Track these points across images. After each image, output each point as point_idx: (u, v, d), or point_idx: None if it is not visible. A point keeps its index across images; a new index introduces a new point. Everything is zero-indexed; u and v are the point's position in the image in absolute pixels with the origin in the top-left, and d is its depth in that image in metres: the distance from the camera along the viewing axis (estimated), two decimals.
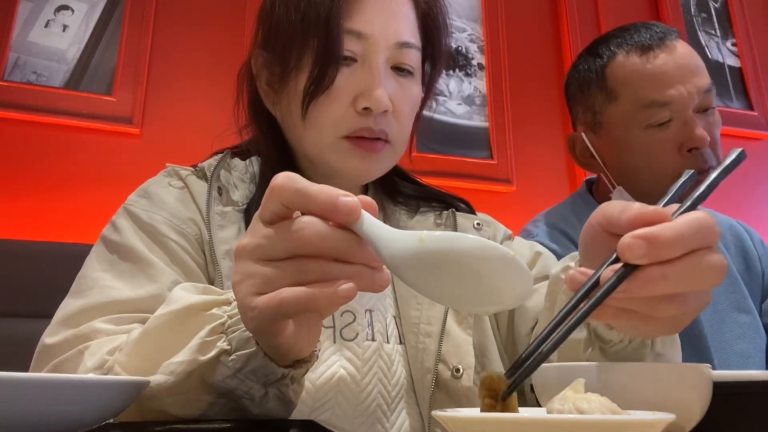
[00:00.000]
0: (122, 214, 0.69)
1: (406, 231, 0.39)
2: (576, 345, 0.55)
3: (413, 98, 0.75)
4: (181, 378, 0.46)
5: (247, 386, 0.47)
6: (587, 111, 1.15)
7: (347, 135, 0.69)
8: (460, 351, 0.70)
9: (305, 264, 0.40)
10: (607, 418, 0.32)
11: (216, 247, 0.66)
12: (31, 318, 1.17)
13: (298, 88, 0.69)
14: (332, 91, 0.68)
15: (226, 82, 1.68)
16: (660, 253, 0.38)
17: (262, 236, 0.41)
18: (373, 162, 0.72)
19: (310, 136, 0.71)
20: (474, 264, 0.39)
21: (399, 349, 0.70)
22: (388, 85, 0.70)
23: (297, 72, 0.70)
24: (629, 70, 1.07)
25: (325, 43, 0.67)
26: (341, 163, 0.71)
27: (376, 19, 0.69)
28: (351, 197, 0.39)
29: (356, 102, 0.69)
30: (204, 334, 0.47)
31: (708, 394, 0.44)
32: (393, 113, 0.71)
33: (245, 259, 0.42)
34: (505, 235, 0.86)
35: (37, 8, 1.62)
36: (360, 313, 0.70)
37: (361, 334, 0.69)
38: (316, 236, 0.39)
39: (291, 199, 0.40)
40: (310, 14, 0.68)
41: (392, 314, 0.73)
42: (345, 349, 0.67)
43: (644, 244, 0.37)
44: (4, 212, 1.46)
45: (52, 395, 0.34)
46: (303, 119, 0.69)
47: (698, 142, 1.02)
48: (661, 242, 0.37)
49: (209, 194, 0.69)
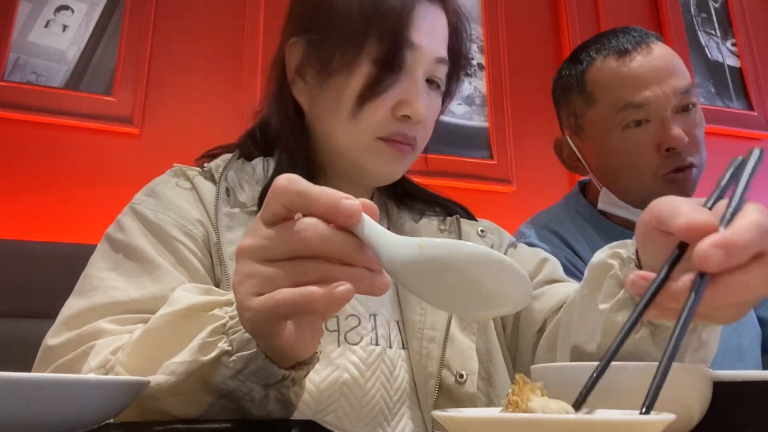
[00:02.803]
0: (129, 213, 0.69)
1: (405, 237, 0.39)
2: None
3: (437, 109, 0.78)
4: (181, 378, 0.46)
5: (248, 387, 0.47)
6: (570, 115, 1.17)
7: (384, 137, 0.71)
8: (464, 357, 0.70)
9: (305, 265, 0.40)
10: (608, 419, 0.32)
11: (224, 249, 0.66)
12: (31, 318, 1.17)
13: (348, 88, 0.70)
14: (382, 96, 0.70)
15: (226, 82, 1.69)
16: (735, 260, 0.38)
17: (263, 237, 0.41)
18: (399, 164, 0.75)
19: (349, 134, 0.72)
20: (472, 271, 0.39)
21: (402, 354, 0.71)
22: (424, 96, 0.72)
23: (349, 71, 0.70)
24: (606, 74, 1.09)
25: (390, 52, 0.69)
26: (372, 163, 0.73)
27: (426, 32, 0.72)
28: (352, 200, 0.39)
29: (396, 108, 0.70)
30: (205, 334, 0.47)
31: (708, 394, 0.44)
32: (422, 123, 0.73)
33: (246, 259, 0.42)
34: (510, 243, 0.86)
35: (37, 8, 1.62)
36: (364, 317, 0.70)
37: (366, 338, 0.69)
38: (318, 238, 0.39)
39: (293, 200, 0.40)
40: (376, 18, 0.69)
41: (395, 319, 0.73)
42: (349, 352, 0.67)
43: (723, 254, 0.37)
44: (4, 212, 1.46)
45: (52, 395, 0.34)
46: (352, 119, 0.71)
47: (674, 143, 1.03)
48: (738, 250, 0.37)
49: (217, 195, 0.70)
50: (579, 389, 0.43)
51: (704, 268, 0.37)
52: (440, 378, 0.68)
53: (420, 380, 0.69)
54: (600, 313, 0.56)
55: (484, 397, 0.71)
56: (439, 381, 0.68)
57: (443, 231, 0.80)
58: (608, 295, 0.56)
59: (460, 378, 0.68)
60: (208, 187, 0.71)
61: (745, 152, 0.46)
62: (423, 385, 0.68)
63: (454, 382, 0.68)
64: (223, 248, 0.66)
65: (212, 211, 0.69)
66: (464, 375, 0.68)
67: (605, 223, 1.14)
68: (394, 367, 0.69)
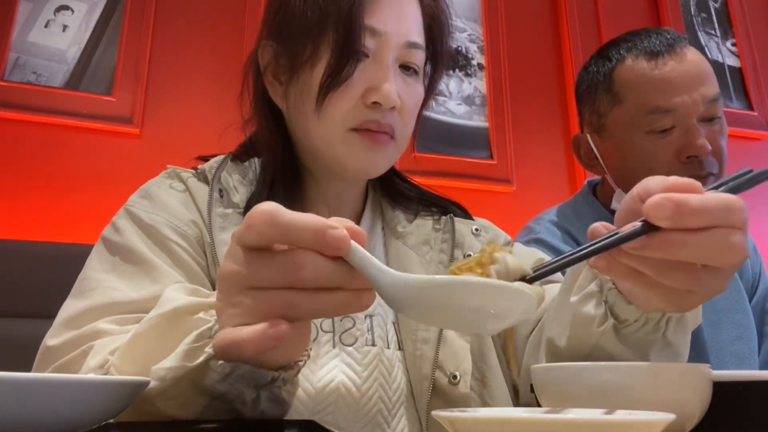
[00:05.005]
0: (123, 215, 0.69)
1: (402, 275, 0.39)
2: (590, 320, 0.55)
3: (417, 97, 0.76)
4: (171, 383, 0.46)
5: (238, 390, 0.47)
6: (593, 113, 1.15)
7: (355, 127, 0.70)
8: (457, 357, 0.70)
9: (294, 297, 0.39)
10: (608, 418, 0.32)
11: (218, 249, 0.66)
12: (31, 318, 1.17)
13: (312, 81, 0.70)
14: (346, 84, 0.69)
15: (226, 82, 1.69)
16: (684, 218, 0.38)
17: (246, 264, 0.40)
18: (378, 155, 0.72)
19: (320, 128, 0.71)
20: (473, 302, 0.39)
21: (398, 355, 0.71)
22: (396, 82, 0.71)
23: (311, 65, 0.70)
24: (636, 75, 1.07)
25: (346, 38, 0.68)
26: (348, 157, 0.71)
27: (390, 17, 0.71)
28: (338, 230, 0.39)
29: (366, 96, 0.70)
30: (191, 340, 0.46)
31: (708, 394, 0.44)
32: (399, 110, 0.72)
33: (229, 285, 0.41)
34: (505, 241, 0.86)
35: (37, 8, 1.62)
36: (359, 318, 0.70)
37: (360, 339, 0.69)
38: (313, 273, 0.39)
39: (275, 235, 0.39)
40: (329, 8, 0.69)
41: (392, 320, 0.73)
42: (344, 354, 0.67)
43: (671, 206, 0.38)
44: (4, 212, 1.46)
45: (52, 395, 0.34)
46: (317, 112, 0.70)
47: (698, 151, 1.02)
48: (688, 208, 0.38)
49: (210, 196, 0.70)
50: (579, 389, 0.43)
51: (651, 216, 0.39)
52: (434, 379, 0.68)
53: (415, 381, 0.69)
54: (569, 306, 0.57)
55: (477, 398, 0.70)
56: (432, 382, 0.68)
57: (438, 230, 0.80)
58: (579, 288, 0.57)
59: (453, 379, 0.68)
60: (201, 188, 0.72)
61: (745, 152, 0.47)
62: (418, 386, 0.68)
63: (447, 383, 0.68)
64: (216, 249, 0.67)
65: (205, 211, 0.69)
66: (458, 376, 0.68)
67: None
68: (392, 368, 0.69)
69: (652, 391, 0.41)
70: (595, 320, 0.55)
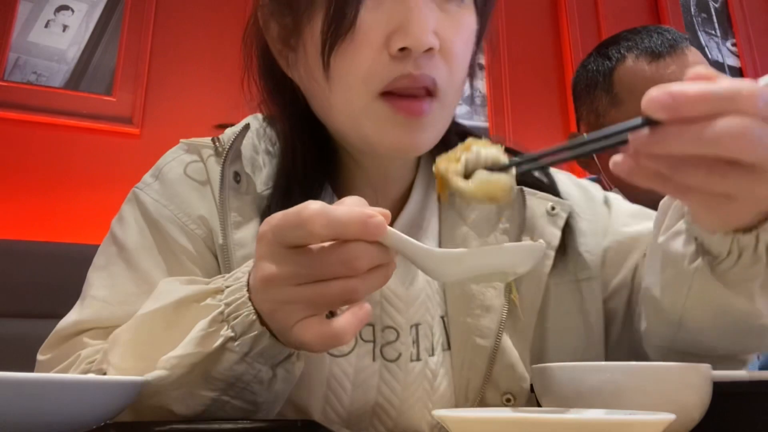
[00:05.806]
0: (131, 200, 0.64)
1: (424, 248, 0.44)
2: (680, 258, 0.51)
3: (467, 31, 0.58)
4: (183, 371, 0.45)
5: (256, 369, 0.47)
6: (591, 112, 1.14)
7: (384, 90, 0.54)
8: (515, 374, 0.59)
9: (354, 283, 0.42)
10: (608, 418, 0.32)
11: (232, 253, 0.58)
12: (31, 318, 1.17)
13: (315, 37, 0.54)
14: (357, 32, 0.52)
15: (226, 82, 1.68)
16: (679, 108, 0.35)
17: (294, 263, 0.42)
18: (419, 130, 0.55)
19: (338, 99, 0.56)
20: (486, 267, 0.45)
21: (443, 359, 0.62)
22: (429, 15, 0.53)
23: (311, 16, 0.55)
24: (637, 78, 1.06)
25: None
26: (378, 135, 0.56)
27: None
28: (376, 216, 0.41)
29: (390, 43, 0.52)
30: (204, 326, 0.46)
31: (708, 394, 0.43)
32: (440, 52, 0.54)
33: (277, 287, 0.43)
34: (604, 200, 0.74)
35: (37, 8, 1.62)
36: (404, 330, 0.61)
37: (405, 354, 0.60)
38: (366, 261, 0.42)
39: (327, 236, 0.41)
40: None
41: (440, 314, 0.63)
42: (385, 371, 0.60)
43: (665, 96, 0.35)
44: (4, 212, 1.46)
45: (51, 395, 0.34)
46: (326, 76, 0.55)
47: None
48: (684, 96, 0.35)
49: (222, 184, 0.59)
50: (579, 389, 0.43)
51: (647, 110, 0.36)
52: (482, 394, 0.59)
53: (459, 396, 0.60)
54: (658, 247, 0.54)
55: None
56: (480, 398, 0.59)
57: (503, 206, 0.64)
58: (667, 228, 0.53)
59: (507, 402, 0.59)
60: (218, 170, 0.61)
61: None
62: (462, 400, 0.60)
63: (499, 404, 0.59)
64: (231, 252, 0.58)
65: (219, 202, 0.60)
66: (512, 399, 0.58)
67: None
68: (435, 377, 0.61)
69: (652, 391, 0.41)
70: (686, 258, 0.50)
